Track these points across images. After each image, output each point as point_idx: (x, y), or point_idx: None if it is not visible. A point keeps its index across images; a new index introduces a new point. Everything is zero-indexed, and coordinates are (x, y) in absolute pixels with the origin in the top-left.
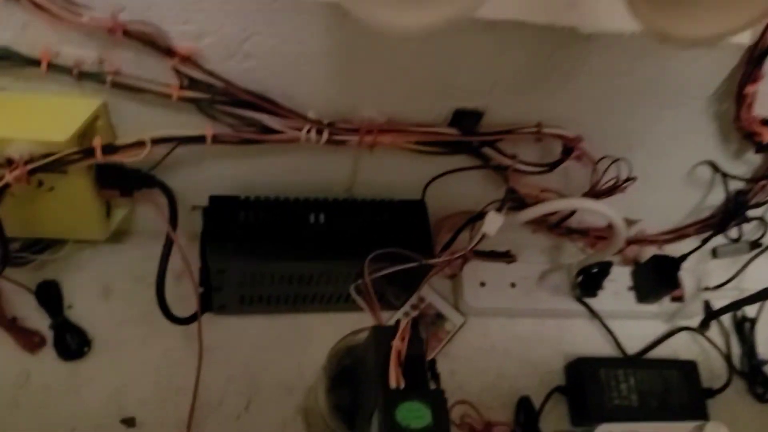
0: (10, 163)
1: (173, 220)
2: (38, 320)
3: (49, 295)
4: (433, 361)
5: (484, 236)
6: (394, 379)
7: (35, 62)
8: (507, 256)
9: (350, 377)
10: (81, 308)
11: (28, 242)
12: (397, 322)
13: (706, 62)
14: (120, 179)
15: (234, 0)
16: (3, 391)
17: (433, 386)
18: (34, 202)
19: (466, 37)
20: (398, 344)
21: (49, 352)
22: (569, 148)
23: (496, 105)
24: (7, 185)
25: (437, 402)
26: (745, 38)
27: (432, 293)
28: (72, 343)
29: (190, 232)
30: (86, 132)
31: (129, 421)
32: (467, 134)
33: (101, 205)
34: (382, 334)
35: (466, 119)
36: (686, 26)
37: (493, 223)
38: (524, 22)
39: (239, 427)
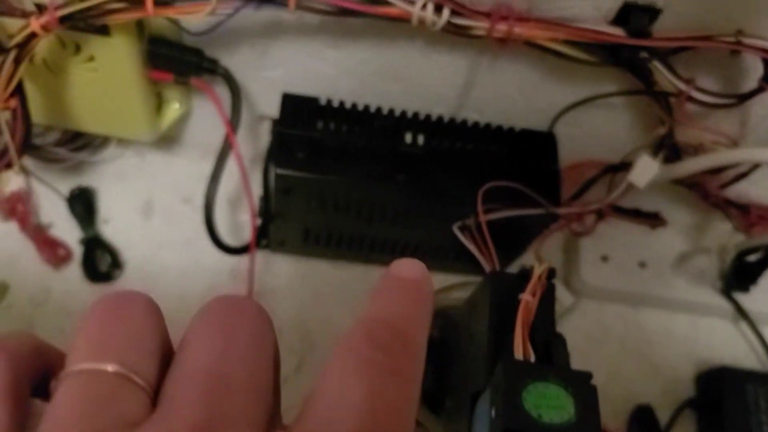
0: (38, 8)
1: (235, 120)
2: (67, 231)
3: (83, 205)
4: (563, 338)
5: (629, 188)
6: (521, 347)
7: None
8: (654, 218)
9: (436, 349)
10: (117, 224)
11: (66, 137)
12: (523, 269)
13: None
14: (176, 60)
15: None
16: (18, 307)
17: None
18: (70, 75)
19: None
20: (529, 299)
21: (74, 270)
22: None
23: (680, 1)
24: (33, 35)
25: (583, 388)
26: None
27: (539, 263)
28: (102, 263)
29: (254, 151)
30: None
31: None
32: (636, 35)
33: (151, 93)
34: (502, 285)
35: (636, 17)
36: None
37: (645, 170)
38: None
39: (287, 391)
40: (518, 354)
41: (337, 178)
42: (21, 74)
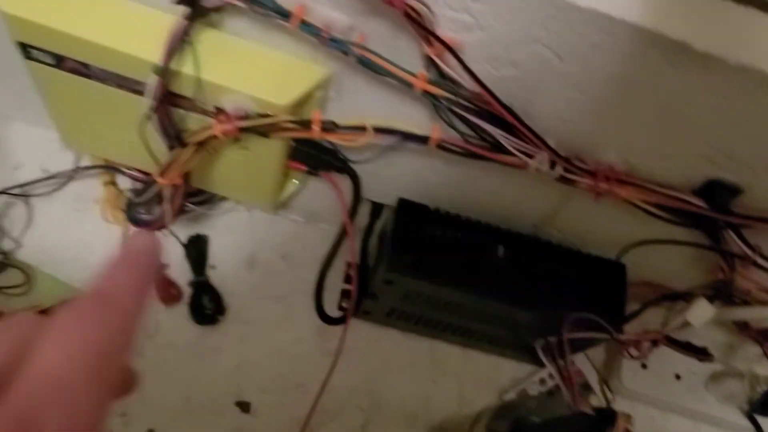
0: (219, 113)
1: (352, 214)
2: (179, 273)
3: (197, 251)
4: None
5: (685, 325)
6: None
7: (285, 15)
8: (703, 354)
9: None
10: (223, 271)
11: (189, 191)
12: (605, 414)
13: None
14: (314, 157)
15: None
16: None
17: None
18: (222, 156)
19: None
20: None
21: (182, 310)
22: None
23: (765, 186)
24: (213, 137)
25: None
26: None
27: (584, 359)
28: (208, 306)
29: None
30: (303, 101)
31: (244, 406)
32: (716, 210)
33: (282, 176)
34: (584, 425)
35: (718, 192)
36: None
37: (701, 313)
38: None
39: None
40: None
41: (437, 284)
42: (193, 163)
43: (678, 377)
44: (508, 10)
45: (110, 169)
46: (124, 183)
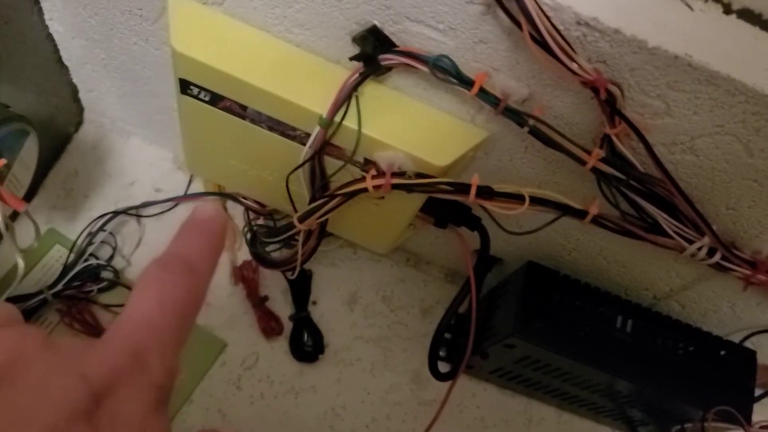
0: (367, 164)
1: (480, 269)
2: (281, 306)
3: (301, 285)
4: None
5: None
6: None
7: (467, 82)
8: None
9: None
10: (323, 307)
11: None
12: None
13: None
14: (445, 211)
15: (731, 88)
16: (231, 365)
17: None
18: (356, 204)
19: None
20: None
21: (281, 344)
22: None
23: None
24: (363, 190)
25: None
26: None
27: None
28: (308, 343)
29: (450, 269)
30: (459, 162)
31: None
32: None
33: (408, 226)
34: None
35: None
36: None
37: None
38: None
39: None
40: None
41: (558, 354)
42: (335, 211)
43: None
44: (708, 102)
45: (226, 196)
46: (234, 209)
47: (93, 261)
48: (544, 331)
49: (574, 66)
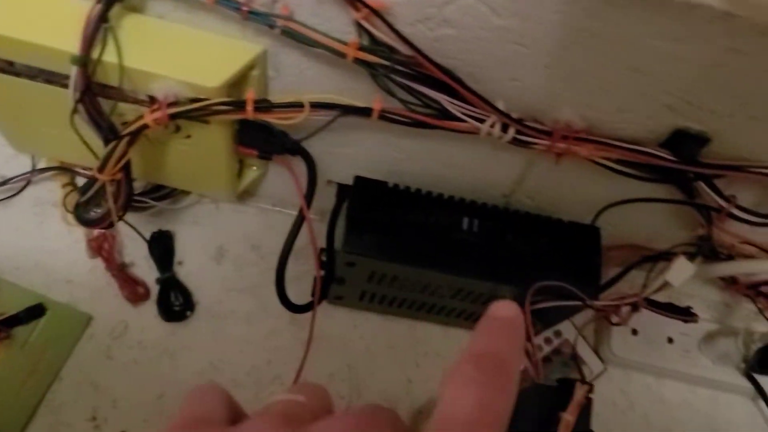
0: (151, 100)
1: (309, 196)
2: (146, 270)
3: (162, 247)
4: None
5: (665, 285)
6: None
7: None
8: (687, 315)
9: None
10: (191, 266)
11: (149, 187)
12: (565, 384)
13: None
14: (262, 139)
15: None
16: (99, 337)
17: None
18: (167, 147)
19: (738, 44)
20: (568, 419)
21: (150, 308)
22: None
23: (731, 132)
24: (145, 126)
25: None
26: None
27: (572, 329)
28: (176, 302)
29: (319, 209)
30: (238, 81)
31: None
32: (684, 161)
33: (234, 163)
34: (545, 396)
35: (686, 143)
36: None
37: (681, 272)
38: None
39: None
40: None
41: (400, 263)
42: (130, 155)
43: (670, 341)
44: None
45: (66, 170)
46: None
47: None
48: (376, 243)
49: None
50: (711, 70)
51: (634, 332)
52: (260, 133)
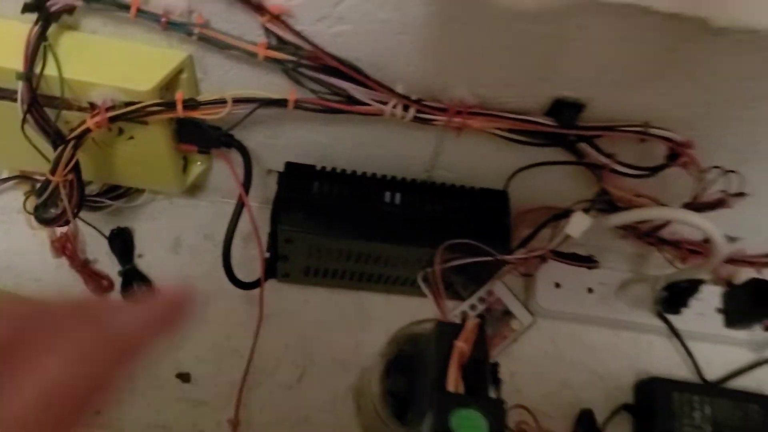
0: (91, 107)
1: (247, 182)
2: (108, 265)
3: (121, 242)
4: (496, 365)
5: (567, 238)
6: (453, 382)
7: (125, 6)
8: (589, 261)
9: (408, 366)
10: (150, 258)
11: (106, 188)
12: (464, 320)
13: None
14: (199, 136)
15: None
16: None
17: (493, 394)
18: (114, 149)
19: (582, 20)
20: (461, 346)
21: (115, 298)
22: (675, 154)
23: (600, 97)
24: (87, 130)
25: (497, 414)
26: None
27: (502, 288)
28: (138, 291)
29: (264, 196)
30: (170, 84)
31: (184, 377)
32: (565, 127)
33: (178, 159)
34: (446, 331)
35: (565, 110)
36: None
37: (578, 224)
38: (650, 7)
39: (290, 397)
40: (451, 386)
41: (331, 235)
42: (77, 156)
43: (590, 290)
44: None
45: (26, 178)
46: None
47: None
48: (309, 220)
49: None
50: (569, 43)
51: (557, 285)
52: (196, 130)
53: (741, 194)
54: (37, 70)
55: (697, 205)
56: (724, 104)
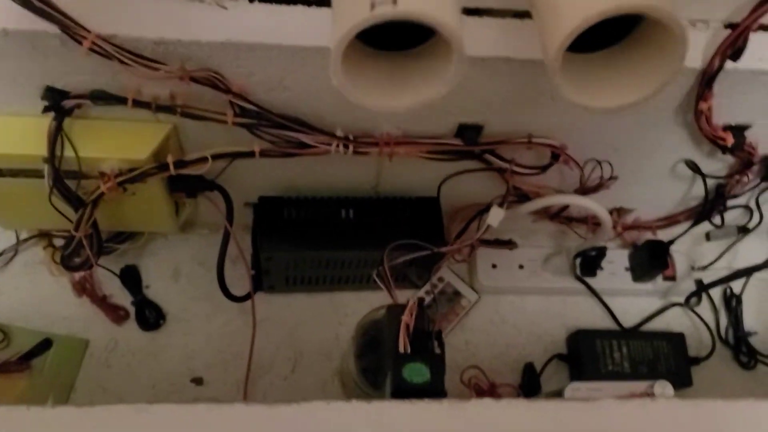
0: (102, 176)
1: (230, 217)
2: (122, 298)
3: (131, 277)
4: (439, 332)
5: (488, 227)
6: (402, 345)
7: (123, 100)
8: (509, 244)
9: (375, 345)
10: (156, 288)
11: (112, 235)
12: (408, 301)
13: None
14: (186, 184)
15: (274, 49)
16: (97, 354)
17: (437, 352)
18: (119, 203)
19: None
20: (407, 318)
21: (131, 324)
22: (556, 154)
23: (492, 120)
24: (102, 194)
25: (435, 363)
26: (697, 63)
27: (450, 274)
28: (150, 316)
29: (244, 225)
30: (161, 150)
31: (198, 380)
32: (470, 144)
33: (171, 205)
34: (396, 311)
35: (468, 132)
36: (604, 100)
37: (496, 216)
38: (509, 57)
39: (287, 385)
40: (401, 349)
41: (302, 249)
42: (95, 215)
43: (521, 267)
44: (265, 59)
45: (44, 235)
46: (59, 242)
47: None
48: (282, 239)
49: (160, 74)
50: (462, 85)
51: (494, 266)
52: (184, 180)
53: (613, 178)
54: (58, 152)
55: (584, 190)
56: (584, 115)
